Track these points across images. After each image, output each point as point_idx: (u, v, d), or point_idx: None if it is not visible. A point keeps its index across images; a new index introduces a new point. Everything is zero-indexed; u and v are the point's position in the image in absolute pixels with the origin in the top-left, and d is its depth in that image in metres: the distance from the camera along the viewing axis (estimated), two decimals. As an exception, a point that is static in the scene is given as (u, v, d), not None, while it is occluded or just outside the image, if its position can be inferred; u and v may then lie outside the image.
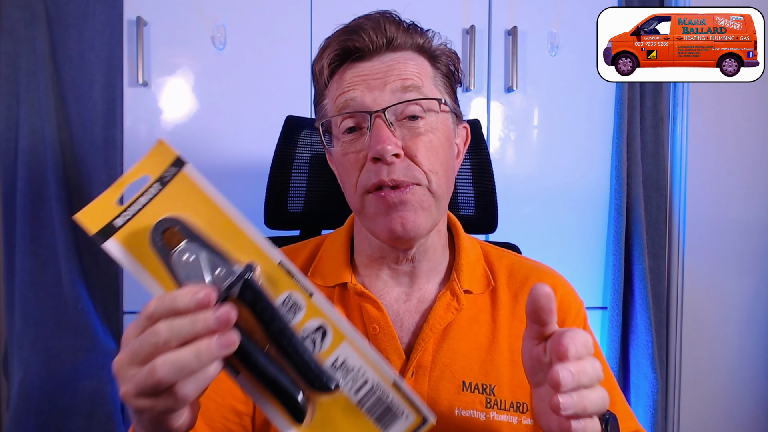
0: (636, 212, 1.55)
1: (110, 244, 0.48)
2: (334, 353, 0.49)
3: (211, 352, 0.44)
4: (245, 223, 0.49)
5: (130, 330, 0.47)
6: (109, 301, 1.47)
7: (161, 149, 0.49)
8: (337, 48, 0.70)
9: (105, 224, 0.48)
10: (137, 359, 0.45)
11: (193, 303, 0.44)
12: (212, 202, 0.49)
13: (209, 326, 0.44)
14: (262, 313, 0.47)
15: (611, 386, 0.77)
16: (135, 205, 0.49)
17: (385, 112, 0.67)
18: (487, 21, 1.49)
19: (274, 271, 0.49)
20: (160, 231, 0.48)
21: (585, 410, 0.48)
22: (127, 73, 1.40)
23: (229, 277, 0.47)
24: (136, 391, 0.45)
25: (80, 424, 1.41)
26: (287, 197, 1.02)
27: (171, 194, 0.49)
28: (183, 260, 0.47)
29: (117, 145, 1.43)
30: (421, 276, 0.76)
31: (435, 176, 0.68)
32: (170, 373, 0.43)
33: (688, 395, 1.58)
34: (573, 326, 0.75)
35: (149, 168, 0.49)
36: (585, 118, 1.53)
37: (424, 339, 0.72)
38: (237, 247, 0.49)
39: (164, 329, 0.44)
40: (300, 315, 0.49)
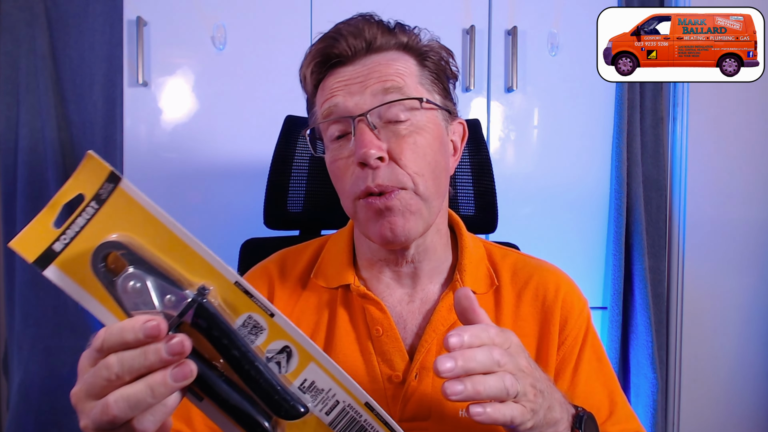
0: (636, 212, 1.55)
1: (51, 272, 0.44)
2: (302, 375, 0.47)
3: (166, 386, 0.42)
4: (194, 241, 0.45)
5: (83, 360, 0.45)
6: (109, 301, 1.47)
7: (91, 163, 0.44)
8: (317, 56, 0.71)
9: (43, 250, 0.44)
10: (92, 393, 0.43)
11: (142, 334, 0.41)
12: (156, 219, 0.45)
13: (162, 358, 0.42)
14: (219, 338, 0.44)
15: (613, 386, 0.77)
16: (73, 227, 0.44)
17: (368, 116, 0.66)
18: (487, 21, 1.49)
19: (230, 291, 0.45)
20: (101, 256, 0.44)
21: (478, 394, 0.48)
22: (127, 73, 1.40)
23: (181, 303, 0.44)
24: (94, 427, 0.43)
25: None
26: (287, 197, 1.02)
27: (110, 213, 0.44)
28: (129, 288, 0.43)
29: (117, 145, 1.43)
30: (423, 277, 0.76)
31: (421, 178, 0.67)
32: (123, 410, 0.42)
33: (688, 395, 1.58)
34: (576, 325, 0.76)
35: (82, 185, 0.44)
36: (585, 118, 1.53)
37: (427, 340, 0.72)
38: (189, 267, 0.45)
39: (114, 364, 0.42)
40: (262, 337, 0.46)
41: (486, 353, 0.50)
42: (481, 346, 0.50)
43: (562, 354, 0.75)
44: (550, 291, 0.76)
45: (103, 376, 0.42)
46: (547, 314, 0.75)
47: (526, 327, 0.75)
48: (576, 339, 0.76)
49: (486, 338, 0.51)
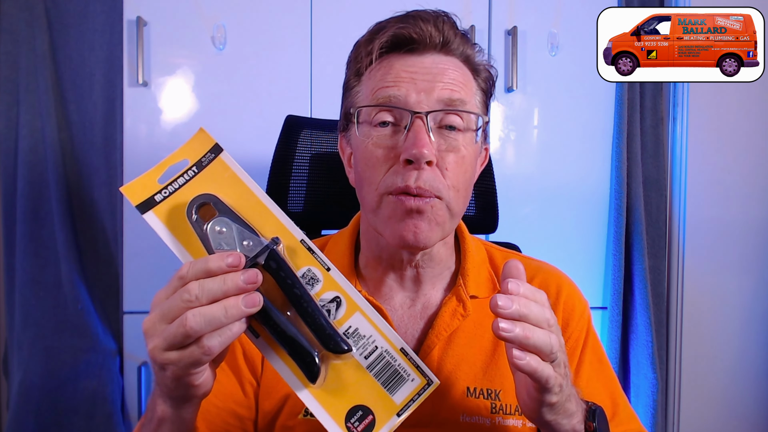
0: (636, 212, 1.55)
1: (150, 216, 0.53)
2: (348, 322, 0.53)
3: (238, 309, 0.48)
4: (273, 205, 0.55)
5: (160, 294, 0.50)
6: (109, 301, 1.47)
7: (201, 136, 0.56)
8: (392, 34, 0.68)
9: (146, 198, 0.53)
10: (168, 316, 0.48)
11: (224, 264, 0.48)
12: (245, 184, 0.55)
13: (238, 285, 0.48)
14: (285, 279, 0.52)
15: (614, 387, 0.77)
16: (174, 184, 0.54)
17: (428, 116, 0.65)
18: (487, 21, 1.49)
19: (296, 246, 0.54)
20: (196, 205, 0.53)
21: (527, 339, 0.50)
22: (127, 73, 1.40)
23: (256, 247, 0.52)
24: (165, 345, 0.48)
25: (80, 424, 1.41)
26: (287, 197, 1.01)
27: (207, 177, 0.54)
28: (216, 231, 0.52)
29: (117, 145, 1.43)
30: (426, 282, 0.75)
31: (456, 193, 0.67)
32: (199, 324, 0.47)
33: (688, 395, 1.58)
34: (578, 327, 0.76)
35: (189, 153, 0.55)
36: (585, 118, 1.53)
37: (429, 346, 0.71)
38: (264, 223, 0.54)
39: (195, 288, 0.48)
40: (318, 287, 0.54)
41: (540, 309, 0.52)
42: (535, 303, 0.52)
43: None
44: (551, 293, 0.76)
45: (184, 298, 0.48)
46: None
47: None
48: (577, 341, 0.76)
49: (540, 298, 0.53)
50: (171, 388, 0.52)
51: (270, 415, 0.72)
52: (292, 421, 0.70)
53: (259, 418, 0.72)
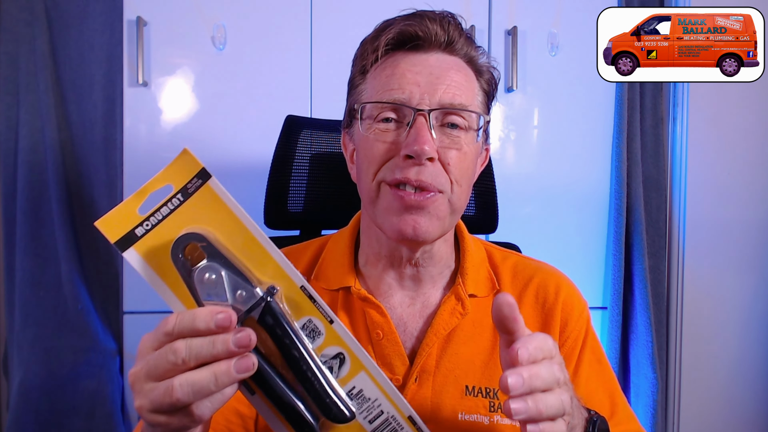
0: (636, 212, 1.55)
1: (130, 254, 0.47)
2: (351, 382, 0.49)
3: (229, 375, 0.45)
4: (268, 243, 0.49)
5: (146, 342, 0.47)
6: (109, 301, 1.47)
7: (185, 158, 0.48)
8: (399, 31, 0.69)
9: (125, 233, 0.47)
10: (154, 375, 0.45)
11: (214, 324, 0.44)
12: (236, 217, 0.48)
13: (228, 349, 0.44)
14: (282, 339, 0.47)
15: (613, 388, 0.77)
16: (157, 215, 0.48)
17: (430, 114, 0.66)
18: (487, 21, 1.49)
19: (295, 294, 0.49)
20: (181, 246, 0.47)
21: (540, 414, 0.47)
22: (127, 73, 1.40)
23: (250, 300, 0.47)
24: (152, 407, 0.45)
25: (80, 424, 1.41)
26: (287, 197, 1.01)
27: (194, 206, 0.48)
28: (205, 278, 0.46)
29: (117, 145, 1.43)
30: (426, 280, 0.76)
31: (459, 188, 0.68)
32: (187, 394, 0.44)
33: (688, 395, 1.58)
34: (576, 327, 0.75)
35: (172, 177, 0.48)
36: (585, 118, 1.53)
37: (428, 344, 0.72)
38: (259, 266, 0.48)
39: (182, 348, 0.44)
40: (320, 340, 0.49)
41: (549, 370, 0.48)
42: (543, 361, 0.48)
43: (563, 355, 0.74)
44: (550, 293, 0.76)
45: (170, 360, 0.44)
46: (548, 316, 0.75)
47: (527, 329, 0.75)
48: (576, 341, 0.76)
49: (548, 351, 0.49)
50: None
51: None
52: None
53: (258, 417, 0.72)
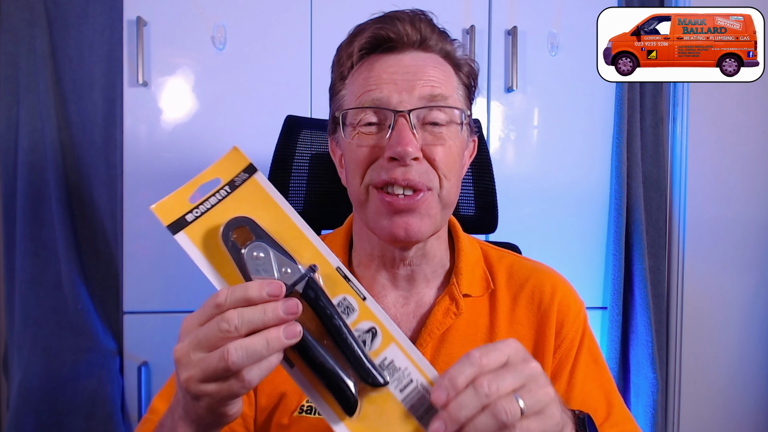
0: (636, 212, 1.55)
1: (180, 237, 0.51)
2: (383, 353, 0.52)
3: (279, 341, 0.47)
4: (309, 230, 0.53)
5: (191, 320, 0.49)
6: (109, 301, 1.47)
7: (234, 155, 0.53)
8: (371, 35, 0.69)
9: (177, 218, 0.51)
10: (204, 345, 0.47)
11: (265, 294, 0.47)
12: (279, 207, 0.53)
13: (278, 316, 0.47)
14: (324, 309, 0.50)
15: (609, 389, 0.77)
16: (206, 204, 0.52)
17: (410, 114, 0.66)
18: (487, 21, 1.49)
19: (332, 274, 0.53)
20: (232, 228, 0.51)
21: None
22: (127, 73, 1.40)
23: (294, 275, 0.50)
24: (203, 376, 0.47)
25: (80, 424, 1.41)
26: (287, 197, 1.01)
27: (240, 197, 0.52)
28: (253, 256, 0.50)
29: (117, 145, 1.43)
30: (420, 280, 0.75)
31: (448, 183, 0.68)
32: (241, 357, 0.45)
33: (688, 395, 1.58)
34: (572, 328, 0.75)
35: (221, 172, 0.53)
36: (585, 118, 1.53)
37: (421, 344, 0.72)
38: (300, 250, 0.52)
39: (235, 317, 0.46)
40: (353, 316, 0.52)
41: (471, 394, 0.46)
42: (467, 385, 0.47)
43: (559, 357, 0.75)
44: (546, 294, 0.76)
45: (222, 328, 0.46)
46: (544, 317, 0.75)
47: (522, 330, 0.75)
48: (573, 342, 0.76)
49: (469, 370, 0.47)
50: (202, 416, 0.51)
51: (266, 412, 0.72)
52: (287, 419, 0.70)
53: (256, 415, 0.73)
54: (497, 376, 0.47)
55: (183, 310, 1.39)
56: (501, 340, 0.51)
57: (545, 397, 0.49)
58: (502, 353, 0.49)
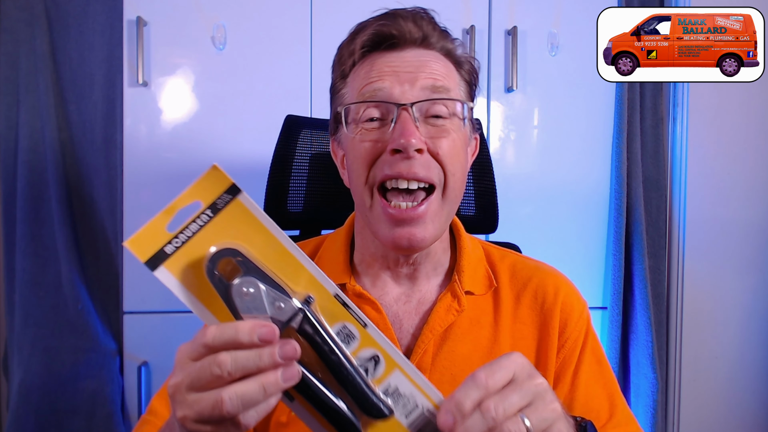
0: (636, 212, 1.55)
1: (162, 273, 0.47)
2: (386, 380, 0.50)
3: (276, 386, 0.45)
4: (301, 255, 0.49)
5: (183, 353, 0.47)
6: (109, 301, 1.47)
7: (214, 174, 0.48)
8: (373, 32, 0.69)
9: (155, 252, 0.47)
10: (197, 386, 0.45)
11: (257, 338, 0.44)
12: (268, 231, 0.49)
13: (275, 362, 0.45)
14: (321, 346, 0.48)
15: (612, 389, 0.77)
16: (186, 232, 0.47)
17: (413, 107, 0.66)
18: (487, 21, 1.49)
19: (329, 302, 0.50)
20: (216, 261, 0.47)
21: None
22: (127, 73, 1.40)
23: (288, 311, 0.48)
24: (198, 418, 0.46)
25: (80, 424, 1.41)
26: (287, 197, 1.02)
27: (224, 222, 0.48)
28: (243, 293, 0.47)
29: (117, 145, 1.43)
30: (422, 277, 0.76)
31: (452, 177, 0.68)
32: (236, 407, 0.44)
33: (688, 395, 1.58)
34: (576, 328, 0.75)
35: (201, 194, 0.48)
36: (585, 118, 1.53)
37: (423, 341, 0.71)
38: (293, 278, 0.49)
39: (228, 362, 0.44)
40: (354, 344, 0.50)
41: (478, 419, 0.46)
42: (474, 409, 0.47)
43: (562, 357, 0.74)
44: (549, 293, 0.76)
45: (214, 372, 0.44)
46: (547, 317, 0.75)
47: (525, 330, 0.75)
48: (576, 342, 0.75)
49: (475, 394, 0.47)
50: None
51: None
52: (286, 417, 0.70)
53: None
54: (503, 397, 0.47)
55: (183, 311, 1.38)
56: (505, 354, 0.51)
57: (552, 414, 0.49)
58: (507, 371, 0.49)
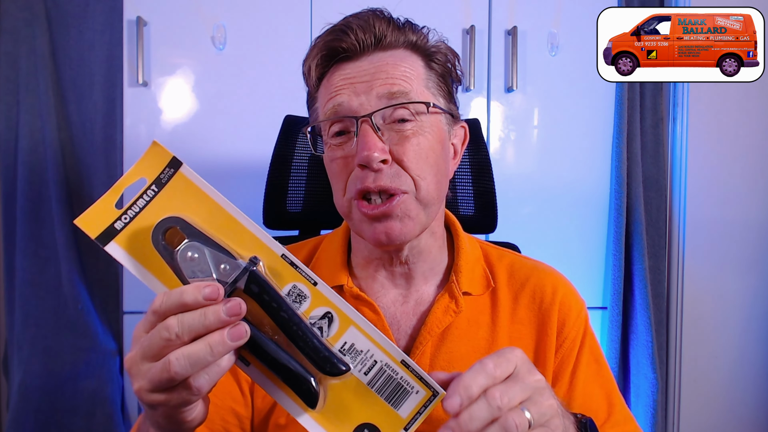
0: (636, 212, 1.55)
1: (112, 247, 0.49)
2: (342, 338, 0.50)
3: (224, 345, 0.45)
4: (246, 220, 0.50)
5: (139, 327, 0.48)
6: (109, 301, 1.47)
7: (156, 150, 0.50)
8: (324, 49, 0.69)
9: (105, 228, 0.49)
10: (149, 355, 0.46)
11: (202, 297, 0.45)
12: (212, 200, 0.50)
13: (220, 319, 0.45)
14: (270, 303, 0.48)
15: (610, 388, 0.77)
16: (134, 208, 0.49)
17: (372, 117, 0.65)
18: (487, 21, 1.49)
19: (277, 263, 0.50)
20: (161, 231, 0.49)
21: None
22: (127, 73, 1.40)
23: (234, 271, 0.48)
24: (151, 387, 0.46)
25: (80, 424, 1.41)
26: (286, 197, 1.02)
27: (169, 195, 0.49)
28: (188, 257, 0.48)
29: (117, 145, 1.43)
30: (418, 278, 0.75)
31: (423, 182, 0.67)
32: (184, 367, 0.44)
33: (688, 395, 1.58)
34: (574, 328, 0.75)
35: (145, 170, 0.49)
36: (585, 118, 1.53)
37: (421, 342, 0.71)
38: (239, 242, 0.50)
39: (175, 324, 0.45)
40: (306, 304, 0.50)
41: (483, 406, 0.47)
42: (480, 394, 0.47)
43: (561, 357, 0.74)
44: (547, 293, 0.76)
45: (163, 336, 0.44)
46: (545, 317, 0.75)
47: (523, 330, 0.75)
48: (574, 341, 0.75)
49: (483, 380, 0.47)
50: (162, 425, 0.50)
51: (263, 413, 0.72)
52: (285, 419, 0.70)
53: (253, 416, 0.72)
54: (508, 387, 0.48)
55: (183, 310, 1.39)
56: (508, 348, 0.51)
57: (549, 410, 0.50)
58: (511, 363, 0.49)
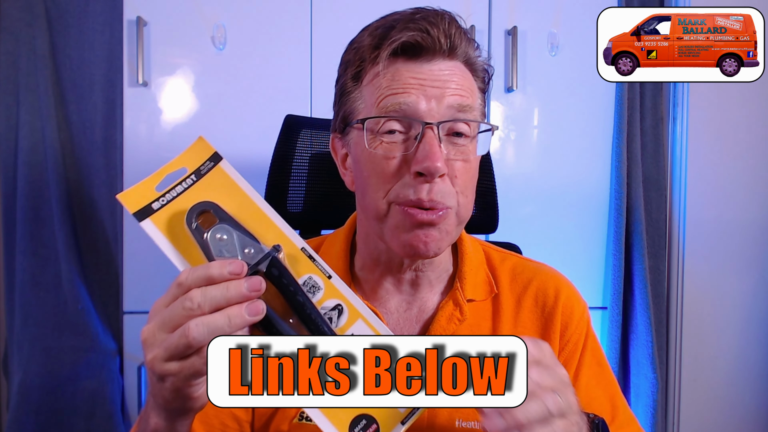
0: (636, 212, 1.55)
1: (147, 224, 0.52)
2: (350, 330, 0.53)
3: (242, 318, 0.47)
4: (273, 213, 0.54)
5: (159, 302, 0.50)
6: (109, 301, 1.47)
7: (200, 144, 0.56)
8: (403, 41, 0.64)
9: (144, 206, 0.53)
10: (168, 325, 0.48)
11: (226, 272, 0.48)
12: (244, 193, 0.55)
13: (241, 293, 0.47)
14: (287, 287, 0.51)
15: (613, 391, 0.76)
16: (172, 192, 0.53)
17: (439, 126, 0.64)
18: (487, 21, 1.49)
19: (297, 254, 0.54)
20: (196, 212, 0.53)
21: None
22: (127, 73, 1.40)
23: (258, 255, 0.51)
24: (166, 355, 0.47)
25: (80, 424, 1.41)
26: (286, 197, 1.01)
27: (206, 185, 0.54)
28: (217, 238, 0.51)
29: (117, 145, 1.43)
30: (424, 284, 0.74)
31: (465, 199, 0.66)
32: (202, 334, 0.46)
33: (688, 395, 1.58)
34: (577, 330, 0.75)
35: (187, 161, 0.55)
36: (585, 118, 1.53)
37: None
38: (265, 231, 0.54)
39: (198, 295, 0.47)
40: (319, 294, 0.54)
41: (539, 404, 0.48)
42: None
43: (563, 359, 0.74)
44: (549, 296, 0.76)
45: (186, 306, 0.47)
46: (548, 320, 0.75)
47: (526, 333, 0.74)
48: (577, 344, 0.75)
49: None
50: (168, 400, 0.51)
51: (264, 418, 0.71)
52: (286, 425, 0.70)
53: (254, 420, 0.72)
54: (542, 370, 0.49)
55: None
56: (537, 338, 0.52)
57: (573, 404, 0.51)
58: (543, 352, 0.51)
